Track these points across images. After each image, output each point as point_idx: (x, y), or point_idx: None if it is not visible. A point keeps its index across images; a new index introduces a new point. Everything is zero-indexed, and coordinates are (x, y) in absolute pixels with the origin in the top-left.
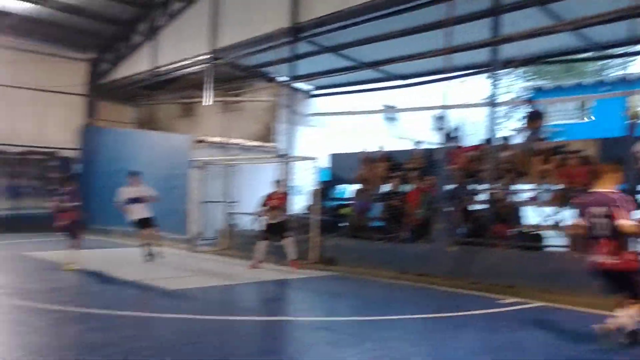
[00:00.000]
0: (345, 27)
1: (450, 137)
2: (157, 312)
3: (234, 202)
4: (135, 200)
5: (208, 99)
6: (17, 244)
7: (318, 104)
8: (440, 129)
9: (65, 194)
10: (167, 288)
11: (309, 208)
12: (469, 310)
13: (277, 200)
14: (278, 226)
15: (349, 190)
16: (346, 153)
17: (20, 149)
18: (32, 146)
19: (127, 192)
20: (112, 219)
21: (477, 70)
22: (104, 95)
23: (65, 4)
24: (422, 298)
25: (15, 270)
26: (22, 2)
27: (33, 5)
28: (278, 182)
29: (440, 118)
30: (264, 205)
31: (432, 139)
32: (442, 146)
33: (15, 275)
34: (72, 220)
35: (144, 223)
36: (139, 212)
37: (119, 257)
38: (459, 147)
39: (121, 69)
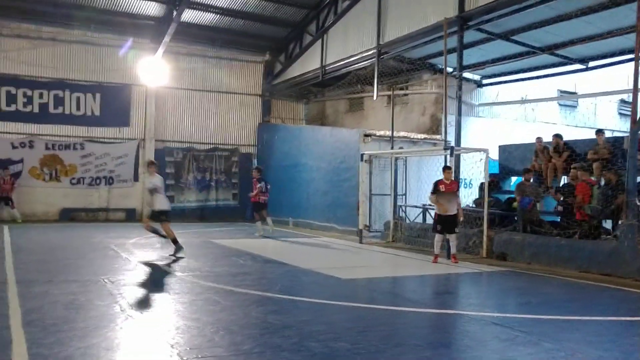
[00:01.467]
0: (516, 11)
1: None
2: (330, 300)
3: (401, 194)
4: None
5: (375, 93)
6: (205, 232)
7: (487, 94)
8: (629, 114)
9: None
10: (339, 277)
11: (478, 201)
12: None
13: (447, 187)
14: (452, 219)
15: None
16: (518, 144)
17: (207, 146)
18: (217, 143)
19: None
20: (286, 210)
21: None
22: (278, 94)
23: (241, 11)
24: (607, 299)
25: (204, 255)
26: (204, 12)
27: (214, 14)
28: (447, 167)
29: (629, 103)
30: (434, 192)
31: (617, 127)
32: (631, 134)
33: (205, 260)
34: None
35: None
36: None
37: (293, 246)
38: None
39: (293, 68)
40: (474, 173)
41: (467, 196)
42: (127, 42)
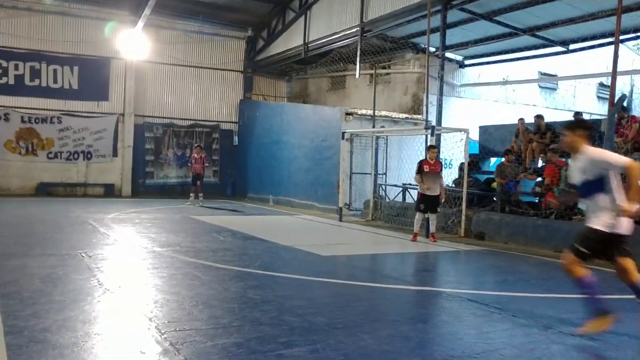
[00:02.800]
0: None
1: (618, 106)
2: (309, 276)
3: (382, 173)
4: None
5: (357, 71)
6: (186, 208)
7: (469, 74)
8: (607, 98)
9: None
10: (319, 254)
11: (458, 181)
12: None
13: (431, 167)
14: (434, 199)
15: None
16: (498, 125)
17: (187, 122)
18: (197, 120)
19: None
20: (267, 187)
21: None
22: (260, 71)
23: None
24: None
25: (185, 231)
26: None
27: None
28: (432, 147)
29: (607, 86)
30: (419, 172)
31: (595, 110)
32: (609, 117)
33: (185, 235)
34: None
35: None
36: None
37: (273, 223)
38: (630, 117)
39: (275, 45)
40: (454, 153)
41: (447, 176)
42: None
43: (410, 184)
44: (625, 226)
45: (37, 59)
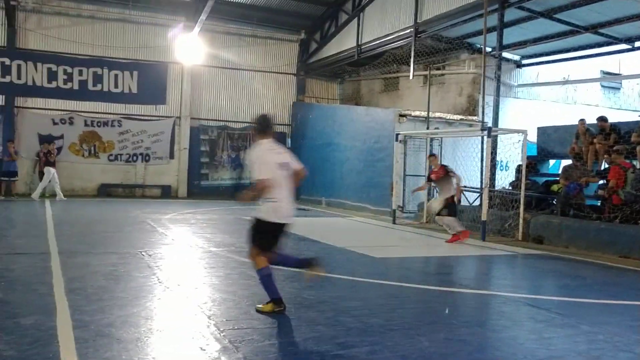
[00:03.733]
0: None
1: None
2: (363, 277)
3: None
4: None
5: (411, 73)
6: (239, 209)
7: (527, 74)
8: None
9: None
10: (372, 255)
11: (515, 184)
12: None
13: (434, 174)
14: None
15: (561, 165)
16: (557, 126)
17: (241, 125)
18: (251, 122)
19: None
20: (320, 189)
21: None
22: (312, 73)
23: None
24: None
25: (238, 231)
26: None
27: None
28: (432, 155)
29: None
30: (428, 180)
31: None
32: None
33: (239, 235)
34: None
35: None
36: None
37: (326, 225)
38: None
39: (328, 47)
40: (511, 155)
41: (504, 179)
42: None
43: (465, 187)
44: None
45: (99, 64)
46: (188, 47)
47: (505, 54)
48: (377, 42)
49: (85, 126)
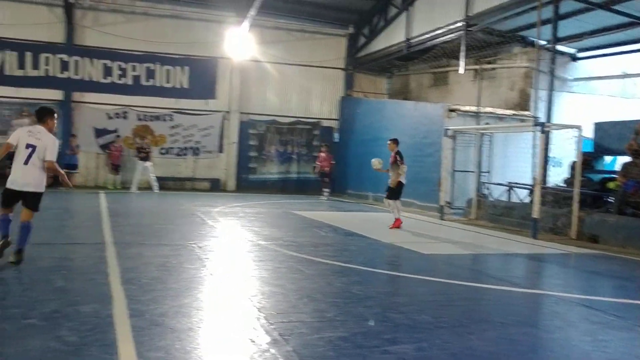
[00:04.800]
0: None
1: None
2: (411, 273)
3: (485, 172)
4: None
5: (462, 67)
6: (286, 203)
7: (582, 68)
8: None
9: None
10: (420, 252)
11: (569, 180)
12: None
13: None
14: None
15: (618, 162)
16: (615, 121)
17: (289, 120)
18: (299, 117)
19: None
20: (367, 184)
21: None
22: (360, 68)
23: None
24: None
25: (286, 226)
26: None
27: None
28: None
29: None
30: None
31: None
32: None
33: (287, 229)
34: None
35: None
36: None
37: (373, 220)
38: None
39: (377, 42)
40: (564, 151)
41: (557, 175)
42: None
43: (516, 183)
44: None
45: (152, 60)
46: (237, 42)
47: (559, 47)
48: (427, 36)
49: (139, 120)
